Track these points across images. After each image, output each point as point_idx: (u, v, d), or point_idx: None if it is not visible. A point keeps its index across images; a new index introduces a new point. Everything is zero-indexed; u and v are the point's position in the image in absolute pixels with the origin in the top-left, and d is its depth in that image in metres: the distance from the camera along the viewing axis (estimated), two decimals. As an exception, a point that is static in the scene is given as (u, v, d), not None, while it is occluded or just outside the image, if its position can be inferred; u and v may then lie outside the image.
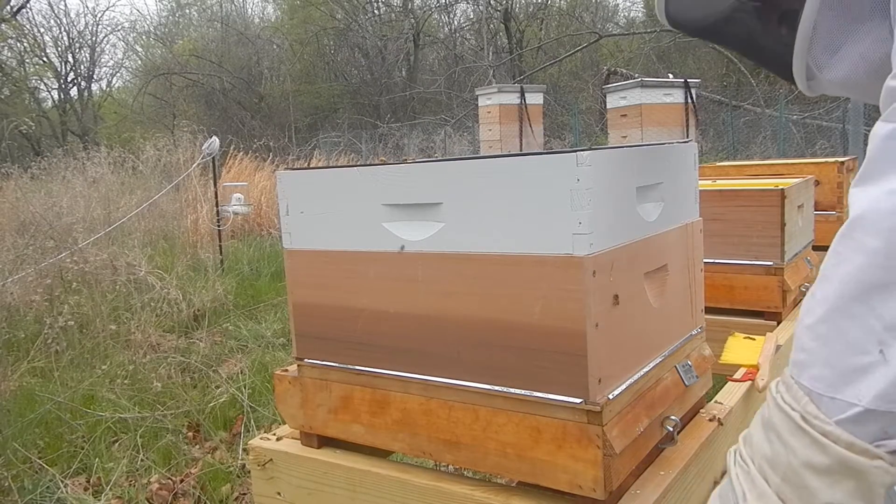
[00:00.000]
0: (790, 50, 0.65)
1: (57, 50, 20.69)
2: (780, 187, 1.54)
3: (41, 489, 2.33)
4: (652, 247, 0.92)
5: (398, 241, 0.92)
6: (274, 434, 1.13)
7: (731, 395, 1.16)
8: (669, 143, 1.01)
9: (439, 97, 15.49)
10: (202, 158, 6.18)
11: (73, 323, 3.69)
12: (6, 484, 2.34)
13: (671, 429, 0.91)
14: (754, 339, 1.33)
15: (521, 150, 7.11)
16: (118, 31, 26.77)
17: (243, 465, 2.42)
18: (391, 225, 0.92)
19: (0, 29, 17.31)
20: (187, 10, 21.86)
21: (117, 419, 2.83)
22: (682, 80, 6.06)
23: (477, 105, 7.95)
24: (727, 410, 1.09)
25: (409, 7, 17.65)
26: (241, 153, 9.47)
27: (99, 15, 34.49)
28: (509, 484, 0.91)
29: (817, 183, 2.09)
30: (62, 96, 21.06)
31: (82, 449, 2.64)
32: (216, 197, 6.30)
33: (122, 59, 24.06)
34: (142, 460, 2.53)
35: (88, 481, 2.44)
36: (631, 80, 6.43)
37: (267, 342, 3.93)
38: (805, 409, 0.57)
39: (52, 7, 25.28)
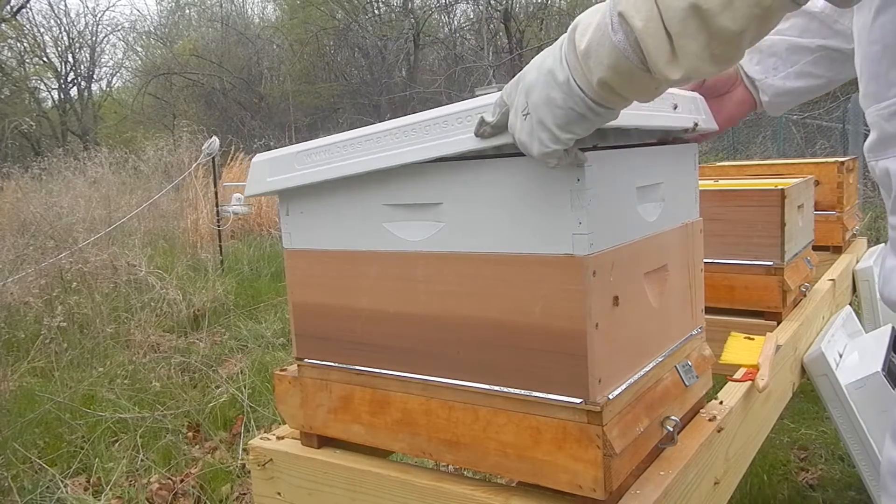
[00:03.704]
0: None
1: (57, 50, 20.69)
2: (780, 187, 1.54)
3: (41, 489, 2.33)
4: (652, 247, 0.92)
5: (398, 241, 0.92)
6: (274, 434, 1.13)
7: (731, 395, 1.16)
8: (669, 143, 1.01)
9: (439, 97, 15.48)
10: (202, 158, 6.19)
11: (65, 324, 3.69)
12: (6, 484, 2.34)
13: (671, 429, 0.91)
14: (754, 339, 1.33)
15: (521, 150, 7.08)
16: (118, 31, 26.70)
17: (243, 465, 2.42)
18: (391, 225, 0.92)
19: (0, 29, 17.30)
20: (187, 11, 21.86)
21: (117, 419, 2.83)
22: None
23: (477, 105, 7.94)
24: (727, 410, 1.09)
25: (409, 7, 17.63)
26: (242, 153, 9.47)
27: (99, 15, 34.45)
28: (509, 484, 0.91)
29: (817, 183, 2.09)
30: (62, 96, 21.05)
31: (82, 449, 2.64)
32: (216, 197, 6.30)
33: (122, 59, 24.01)
34: (142, 460, 2.53)
35: (88, 481, 2.44)
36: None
37: (267, 342, 3.93)
38: None
39: (52, 7, 25.30)
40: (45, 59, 20.52)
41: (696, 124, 0.98)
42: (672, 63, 0.57)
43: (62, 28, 21.50)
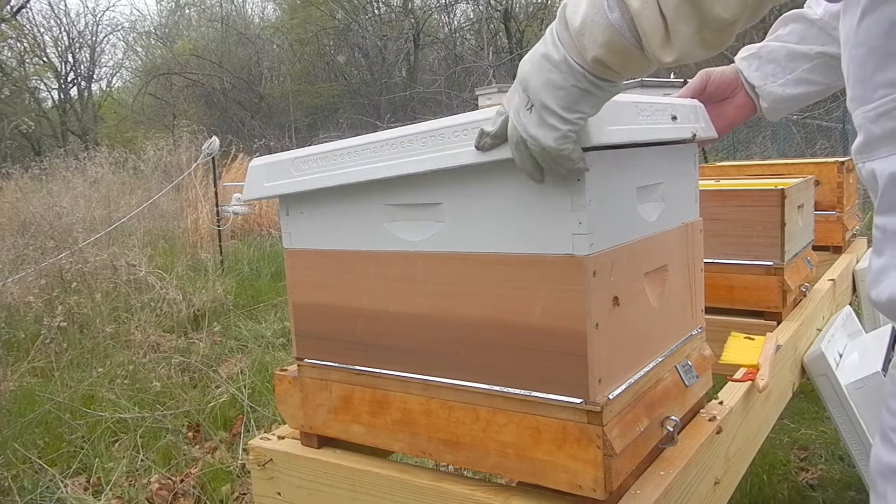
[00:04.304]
0: None
1: (57, 50, 20.70)
2: (780, 187, 1.54)
3: (41, 489, 2.33)
4: (652, 247, 0.92)
5: (398, 241, 0.92)
6: (274, 434, 1.13)
7: (731, 395, 1.16)
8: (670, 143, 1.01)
9: (439, 97, 15.47)
10: (202, 158, 6.19)
11: (65, 324, 3.69)
12: (6, 484, 2.34)
13: (671, 429, 0.91)
14: (754, 339, 1.33)
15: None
16: (118, 31, 26.69)
17: (243, 465, 2.42)
18: (391, 225, 0.92)
19: (0, 29, 17.30)
20: (187, 11, 21.86)
21: (117, 419, 2.83)
22: (682, 80, 6.08)
23: (477, 105, 7.95)
24: (727, 410, 1.09)
25: (409, 7, 17.63)
26: (242, 153, 9.47)
27: (99, 15, 34.48)
28: (509, 484, 0.91)
29: (817, 183, 2.09)
30: (62, 96, 21.06)
31: (82, 449, 2.64)
32: (216, 197, 6.30)
33: (122, 59, 24.04)
34: (142, 460, 2.53)
35: (88, 481, 2.44)
36: (631, 80, 6.43)
37: (267, 342, 3.93)
38: None
39: (52, 7, 25.31)
40: (45, 59, 20.54)
41: (694, 135, 0.98)
42: (666, 46, 0.59)
43: (62, 28, 21.53)
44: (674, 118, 0.93)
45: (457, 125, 0.81)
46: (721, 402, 1.12)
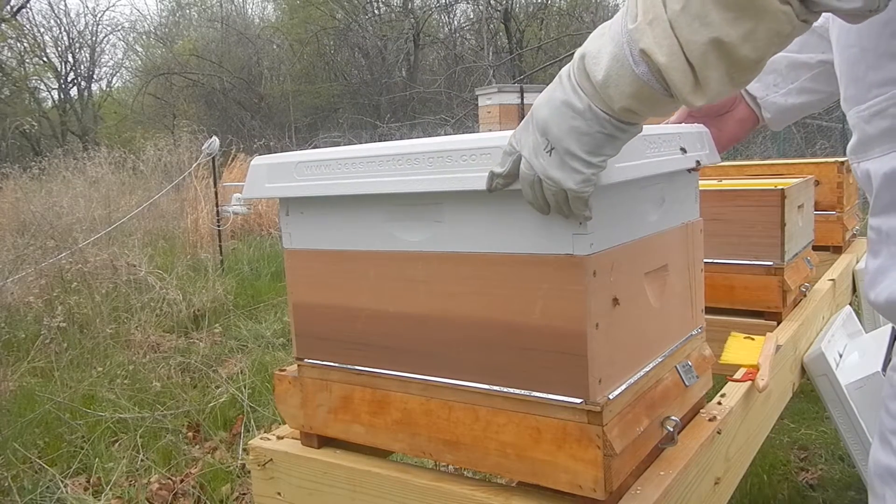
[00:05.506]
0: None
1: (57, 50, 20.69)
2: (780, 187, 1.54)
3: (41, 489, 2.33)
4: (652, 247, 0.92)
5: (398, 241, 0.92)
6: (274, 434, 1.13)
7: (731, 395, 1.16)
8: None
9: (439, 97, 15.46)
10: (202, 158, 6.19)
11: (65, 324, 3.69)
12: (6, 484, 2.34)
13: (671, 429, 0.91)
14: (754, 339, 1.33)
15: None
16: (118, 31, 26.65)
17: (243, 465, 2.42)
18: (391, 225, 0.92)
19: (0, 29, 17.30)
20: (187, 10, 21.85)
21: (117, 419, 2.83)
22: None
23: (477, 105, 7.95)
24: (727, 410, 1.09)
25: (409, 7, 17.62)
26: (242, 153, 9.47)
27: (99, 15, 34.44)
28: (509, 484, 0.91)
29: (817, 183, 2.09)
30: (62, 96, 21.04)
31: (82, 449, 2.64)
32: (216, 197, 6.31)
33: (122, 59, 24.01)
34: (142, 460, 2.53)
35: (88, 481, 2.44)
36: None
37: (267, 342, 3.93)
38: None
39: (52, 7, 25.28)
40: (45, 59, 20.52)
41: (698, 162, 0.98)
42: (696, 92, 0.59)
43: (62, 28, 21.51)
44: (682, 150, 0.93)
45: (465, 149, 0.80)
46: (721, 402, 1.12)
